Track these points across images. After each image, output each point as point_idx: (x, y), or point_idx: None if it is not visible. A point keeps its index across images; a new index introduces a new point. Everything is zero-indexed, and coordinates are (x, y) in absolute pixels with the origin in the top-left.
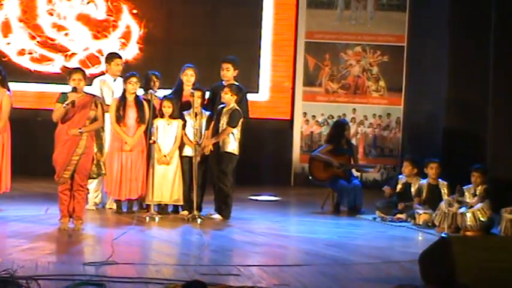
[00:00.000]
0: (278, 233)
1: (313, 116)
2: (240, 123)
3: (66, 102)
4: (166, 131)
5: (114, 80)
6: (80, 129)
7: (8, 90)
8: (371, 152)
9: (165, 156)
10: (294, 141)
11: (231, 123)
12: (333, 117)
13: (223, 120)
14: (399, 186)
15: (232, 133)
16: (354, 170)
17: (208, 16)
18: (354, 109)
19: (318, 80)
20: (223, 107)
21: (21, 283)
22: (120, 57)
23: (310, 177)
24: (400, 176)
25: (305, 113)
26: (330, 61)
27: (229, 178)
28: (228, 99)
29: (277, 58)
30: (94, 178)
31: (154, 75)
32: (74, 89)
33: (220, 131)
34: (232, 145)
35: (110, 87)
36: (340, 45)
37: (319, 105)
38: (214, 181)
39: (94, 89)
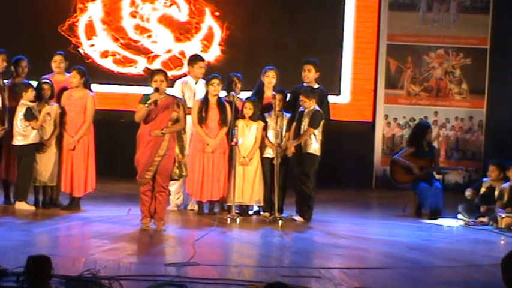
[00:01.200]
0: (359, 235)
1: (395, 119)
2: (321, 124)
3: (148, 102)
4: (246, 133)
5: (196, 82)
6: (162, 130)
7: (91, 91)
8: (453, 155)
9: (243, 157)
10: (376, 143)
11: (313, 124)
12: (414, 120)
13: (305, 122)
14: (483, 189)
15: (314, 134)
16: (435, 173)
17: (290, 18)
18: (436, 112)
19: (399, 83)
20: (304, 109)
21: (104, 283)
22: (203, 60)
23: (391, 180)
24: (484, 179)
25: (387, 116)
26: (412, 63)
27: (311, 180)
28: (307, 105)
29: (358, 60)
30: (176, 180)
31: (236, 77)
32: (156, 90)
33: (301, 132)
34: (314, 146)
35: (191, 89)
36: (422, 47)
37: (400, 107)
38: (296, 183)
39: (176, 90)
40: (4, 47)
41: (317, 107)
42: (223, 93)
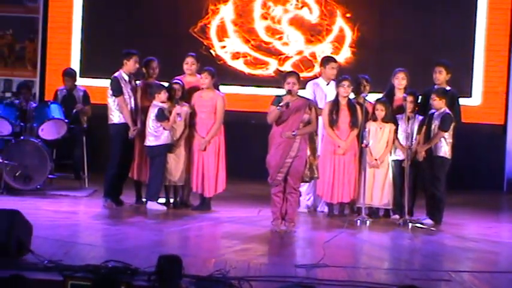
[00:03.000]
0: (490, 238)
1: None
2: (451, 127)
3: (280, 104)
4: (378, 135)
5: (327, 84)
6: (294, 132)
7: (220, 92)
8: None
9: (376, 159)
10: (508, 146)
11: (443, 127)
12: None
13: (435, 125)
14: None
15: (444, 137)
16: None
17: (421, 19)
18: None
19: None
20: (434, 112)
21: (234, 283)
22: (335, 61)
23: None
24: None
25: None
26: None
27: (442, 183)
28: (437, 104)
29: (490, 62)
30: (307, 182)
31: (365, 79)
32: (289, 92)
33: (432, 135)
34: (444, 149)
35: (322, 91)
36: None
37: None
38: (426, 186)
39: (307, 92)
40: (137, 48)
41: (447, 110)
42: (352, 96)
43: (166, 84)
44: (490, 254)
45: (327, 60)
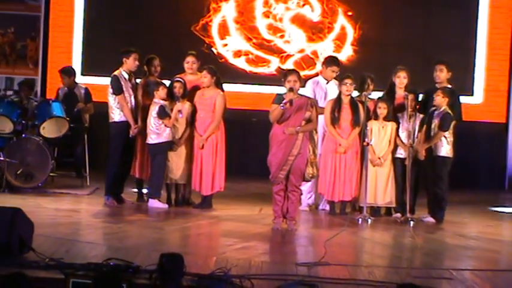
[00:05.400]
0: (491, 237)
1: None
2: (452, 125)
3: (283, 102)
4: (380, 133)
5: (327, 82)
6: (296, 128)
7: (222, 91)
8: None
9: (379, 158)
10: (509, 144)
11: (443, 127)
12: None
13: (435, 123)
14: None
15: (444, 136)
16: None
17: (423, 17)
18: None
19: None
20: (434, 110)
21: (235, 281)
22: (337, 65)
23: None
24: None
25: None
26: None
27: (444, 181)
28: (440, 101)
29: (492, 61)
30: (308, 180)
31: (370, 78)
32: (290, 90)
33: (432, 133)
34: (445, 148)
35: (322, 89)
36: None
37: None
38: (428, 184)
39: (307, 90)
40: (139, 46)
41: (447, 109)
42: (355, 94)
43: (168, 82)
44: (491, 252)
45: (329, 61)
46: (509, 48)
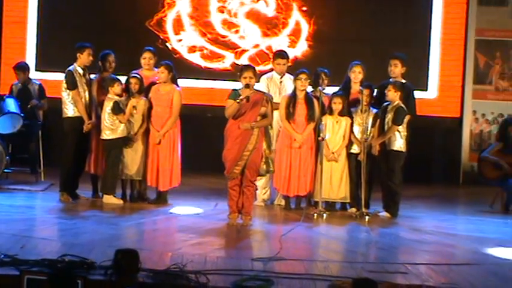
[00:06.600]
0: (446, 231)
1: (483, 115)
2: (406, 120)
3: (240, 98)
4: (334, 128)
5: (281, 77)
6: (251, 123)
7: (178, 86)
8: None
9: (332, 153)
10: (463, 139)
11: (396, 121)
12: (502, 116)
13: (388, 118)
14: None
15: (398, 131)
16: None
17: (378, 13)
18: None
19: (488, 78)
20: (388, 105)
21: (191, 277)
22: (282, 58)
23: (479, 177)
24: None
25: (475, 111)
26: (500, 59)
27: (398, 176)
28: (392, 96)
29: (446, 56)
30: (263, 175)
31: (324, 73)
32: (246, 86)
33: (385, 128)
34: (398, 143)
35: (276, 84)
36: (511, 42)
37: (489, 103)
38: (382, 179)
39: (261, 86)
40: (94, 42)
41: (400, 103)
42: (309, 89)
43: (124, 78)
44: (446, 246)
45: (275, 55)
46: (463, 43)
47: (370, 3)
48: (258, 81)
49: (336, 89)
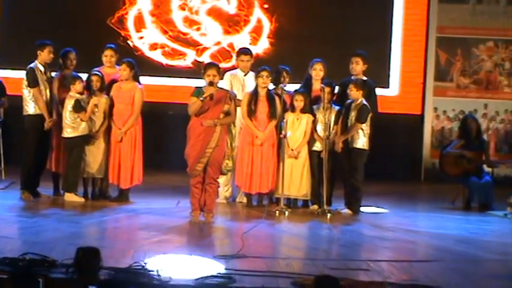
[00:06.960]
0: (408, 228)
1: (444, 112)
2: (368, 118)
3: (204, 95)
4: (295, 125)
5: (245, 75)
6: (214, 120)
7: (139, 84)
8: (503, 148)
9: (292, 150)
10: (425, 136)
11: (360, 119)
12: (464, 113)
13: (352, 116)
14: None
15: (361, 129)
16: (485, 166)
17: (339, 11)
18: (486, 104)
19: (449, 75)
20: (351, 102)
21: (153, 275)
22: (245, 54)
23: (441, 173)
24: None
25: (436, 108)
26: (461, 56)
27: (359, 173)
28: (354, 95)
29: (408, 53)
30: (224, 174)
31: (285, 71)
32: (210, 84)
33: (349, 125)
34: (361, 141)
35: (240, 82)
36: (472, 40)
37: (450, 100)
38: (344, 176)
39: (224, 83)
40: (54, 39)
41: (364, 101)
42: (271, 86)
43: (85, 75)
44: (407, 243)
45: (238, 52)
46: (424, 40)
47: (331, 1)
48: (222, 79)
49: (297, 86)
